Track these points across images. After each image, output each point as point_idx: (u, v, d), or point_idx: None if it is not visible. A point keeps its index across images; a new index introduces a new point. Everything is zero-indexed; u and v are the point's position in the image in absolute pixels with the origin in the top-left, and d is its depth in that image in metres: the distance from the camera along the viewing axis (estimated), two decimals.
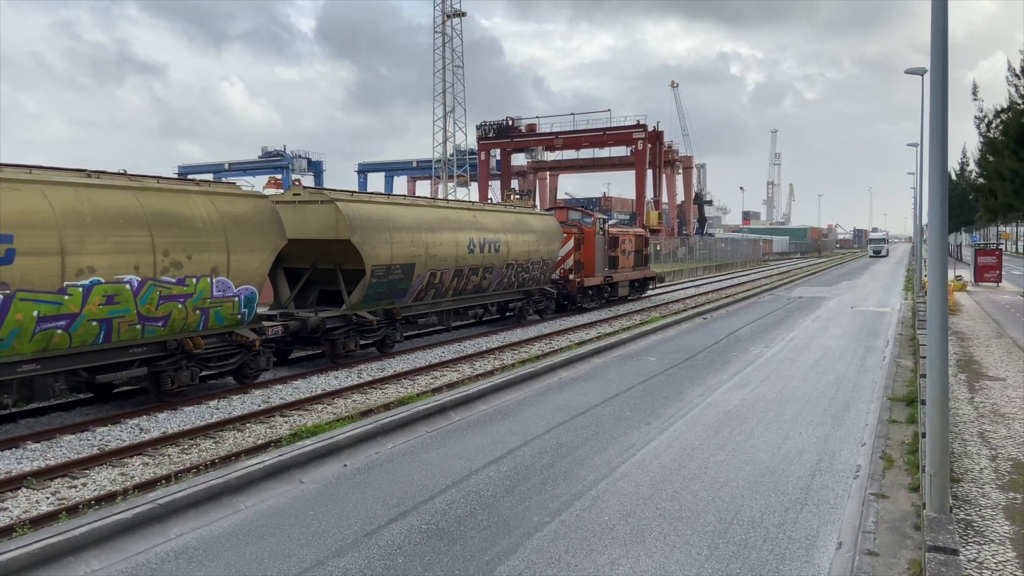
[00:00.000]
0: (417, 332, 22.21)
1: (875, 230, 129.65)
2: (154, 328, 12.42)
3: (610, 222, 33.14)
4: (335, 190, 18.19)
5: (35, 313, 10.63)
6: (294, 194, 17.44)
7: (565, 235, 27.42)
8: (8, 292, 10.27)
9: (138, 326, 12.14)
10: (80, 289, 11.15)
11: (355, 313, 17.03)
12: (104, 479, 9.37)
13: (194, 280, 12.86)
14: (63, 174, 11.66)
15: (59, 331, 11.02)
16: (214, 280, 13.22)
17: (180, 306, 12.72)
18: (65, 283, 10.95)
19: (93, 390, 13.25)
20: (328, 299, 18.12)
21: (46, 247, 10.73)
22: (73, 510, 8.13)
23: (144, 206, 12.27)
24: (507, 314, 25.27)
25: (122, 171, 12.84)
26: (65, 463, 9.76)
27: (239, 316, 13.95)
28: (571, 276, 27.72)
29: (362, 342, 17.60)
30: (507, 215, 23.99)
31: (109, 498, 8.50)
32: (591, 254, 28.47)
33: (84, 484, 9.19)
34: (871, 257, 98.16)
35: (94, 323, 11.45)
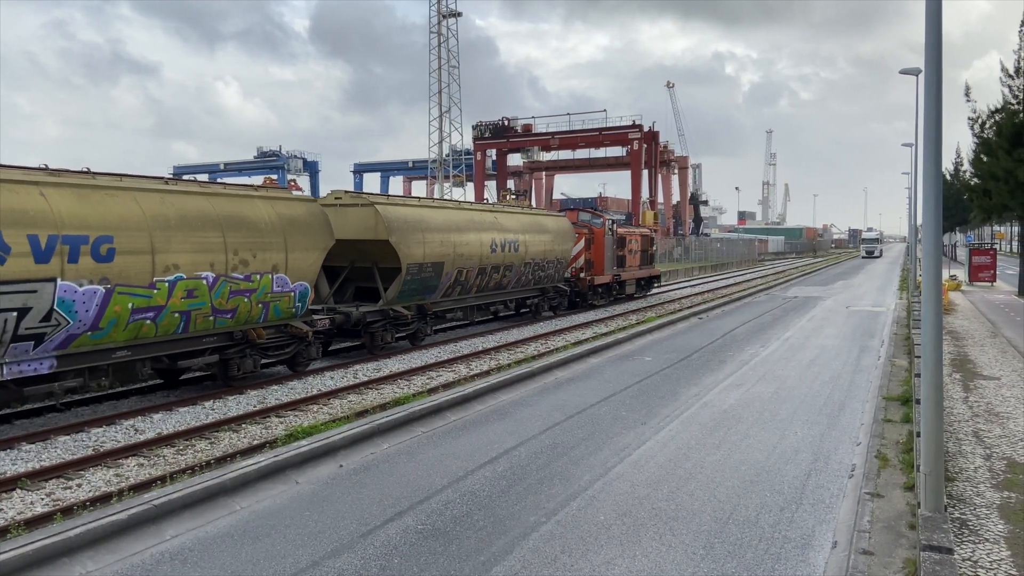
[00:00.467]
0: (445, 326, 23.39)
1: (870, 230, 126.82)
2: (224, 319, 13.73)
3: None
4: (374, 194, 19.76)
5: (130, 305, 11.89)
6: (336, 198, 18.63)
7: (576, 235, 28.45)
8: (109, 286, 11.50)
9: (211, 317, 13.40)
10: (166, 284, 12.43)
11: (392, 308, 18.36)
12: (99, 480, 9.35)
13: (258, 276, 14.19)
14: (148, 182, 13.02)
15: (148, 321, 12.29)
16: (274, 276, 14.56)
17: (246, 300, 14.02)
18: (154, 279, 12.22)
19: (163, 376, 14.54)
20: (363, 295, 19.41)
21: (139, 247, 12.00)
22: (68, 511, 8.11)
23: (216, 210, 13.57)
24: (522, 310, 26.51)
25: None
26: (60, 464, 9.73)
27: (294, 309, 15.28)
28: (582, 274, 28.77)
29: (397, 335, 18.91)
30: (525, 216, 25.25)
31: (104, 499, 8.48)
32: (601, 254, 29.61)
33: (79, 485, 9.17)
34: (863, 258, 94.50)
35: (176, 314, 12.73)
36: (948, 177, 59.34)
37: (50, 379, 11.38)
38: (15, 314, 10.37)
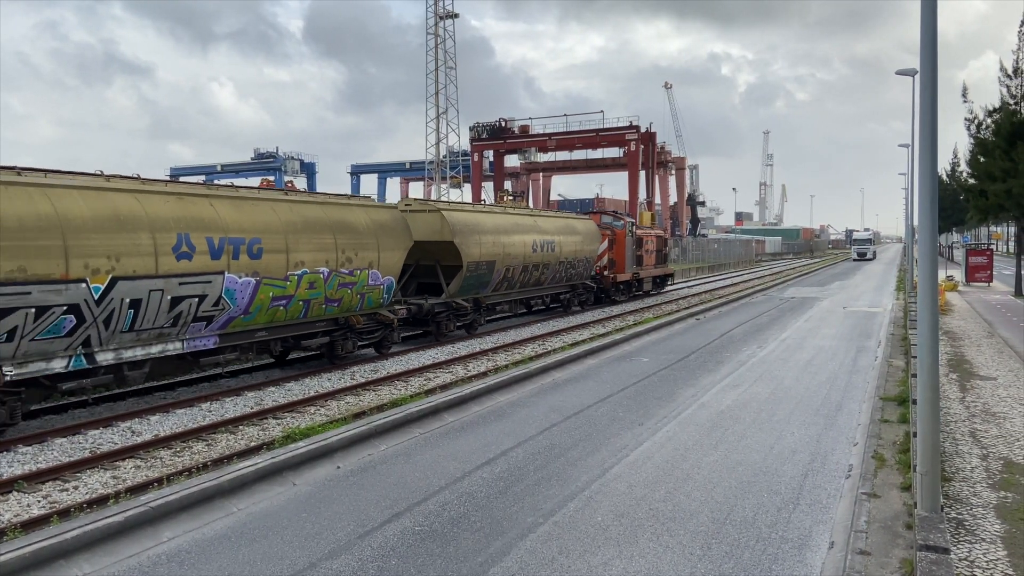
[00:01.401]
0: (495, 317, 25.93)
1: (866, 230, 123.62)
2: (332, 307, 16.35)
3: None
4: (439, 201, 23.01)
5: (270, 294, 14.46)
6: (406, 204, 21.56)
7: (601, 236, 30.67)
8: (257, 278, 14.09)
9: (324, 305, 16.03)
10: (296, 277, 15.03)
11: (454, 300, 21.11)
12: (96, 482, 9.33)
13: (358, 271, 16.77)
14: (278, 194, 16.28)
15: (281, 307, 14.87)
16: (370, 272, 17.15)
17: (349, 291, 16.60)
18: (287, 272, 14.82)
19: (277, 357, 16.79)
20: (425, 290, 21.89)
21: (278, 247, 14.60)
22: (64, 513, 8.09)
23: (328, 216, 16.25)
24: (552, 305, 29.48)
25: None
26: (56, 466, 9.72)
27: (383, 300, 17.88)
28: (605, 272, 31.11)
29: (457, 324, 21.56)
30: (559, 220, 28.09)
31: (101, 501, 8.46)
32: (622, 253, 31.97)
33: (75, 487, 9.16)
34: (855, 260, 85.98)
35: (300, 302, 15.31)
36: (945, 178, 59.43)
37: (214, 353, 14.00)
38: (196, 300, 12.97)
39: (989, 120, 33.51)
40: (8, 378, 10.58)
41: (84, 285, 11.17)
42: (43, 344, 10.95)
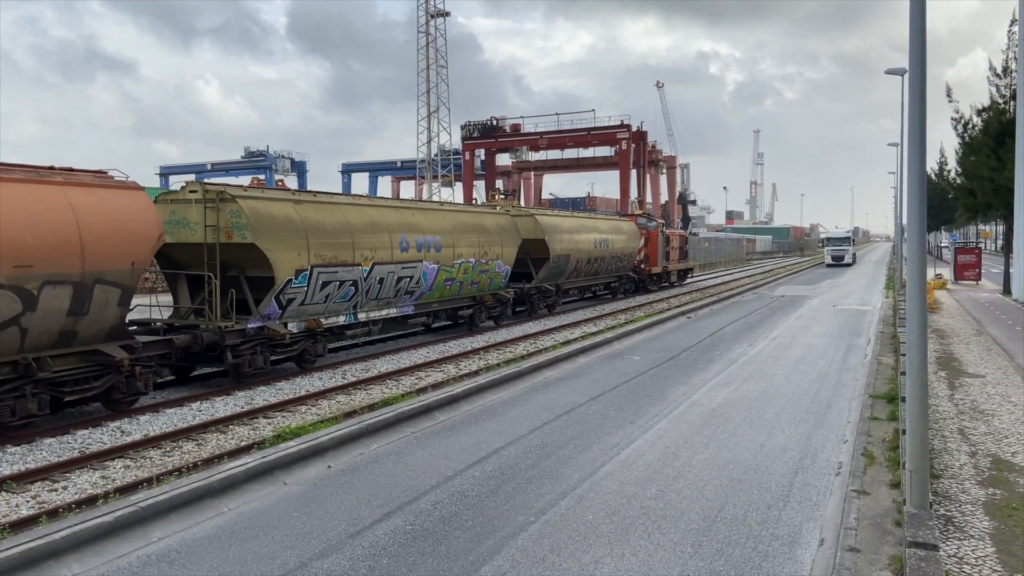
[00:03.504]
0: (568, 300, 31.72)
1: (837, 227, 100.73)
2: (474, 288, 22.43)
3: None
4: (532, 208, 32.08)
5: (444, 277, 20.34)
6: (505, 210, 26.44)
7: (640, 235, 36.49)
8: (438, 266, 19.90)
9: (471, 286, 22.16)
10: (458, 265, 20.97)
11: (542, 285, 27.06)
12: (85, 482, 9.29)
13: (491, 261, 22.76)
14: (446, 205, 23.49)
15: (448, 287, 20.86)
16: (496, 262, 23.08)
17: (485, 276, 22.69)
18: (454, 262, 20.69)
19: (426, 327, 22.19)
20: (514, 279, 26.06)
21: (448, 243, 20.45)
22: (53, 514, 8.05)
23: (473, 221, 22.48)
24: (599, 292, 35.08)
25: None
26: (45, 466, 9.66)
27: (502, 283, 24.10)
28: (642, 266, 37.06)
29: (544, 304, 27.51)
30: (610, 222, 34.50)
31: (90, 501, 8.42)
32: (655, 250, 38.18)
33: (65, 487, 9.11)
34: (828, 266, 68.32)
35: (458, 283, 21.35)
36: (933, 176, 59.73)
37: (411, 317, 19.83)
38: (408, 279, 18.78)
39: (978, 119, 33.71)
40: (324, 327, 16.34)
41: (360, 268, 16.94)
42: (337, 305, 16.77)
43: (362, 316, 17.42)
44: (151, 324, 14.53)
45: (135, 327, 13.95)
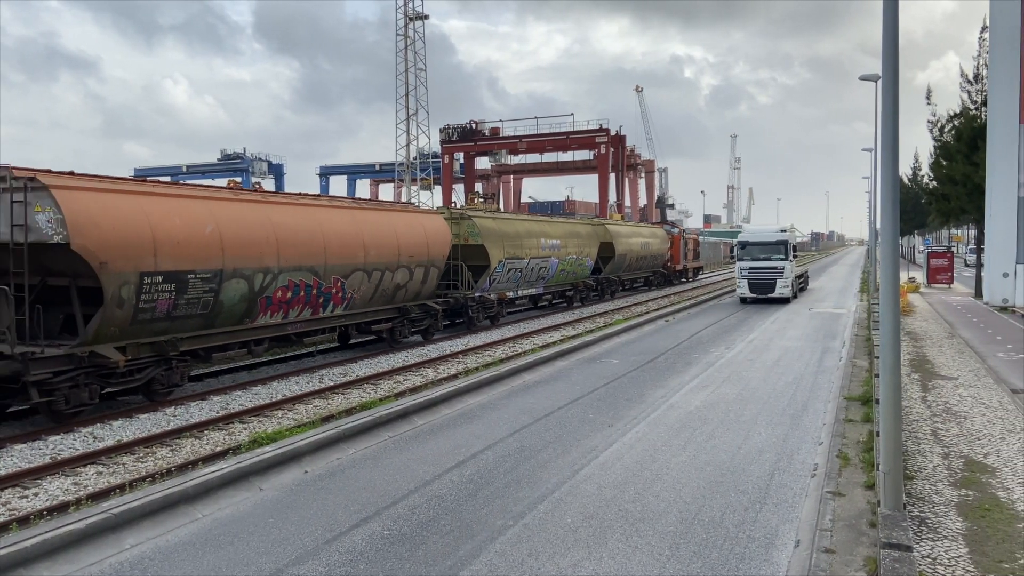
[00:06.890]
0: (622, 289, 40.12)
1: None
2: (572, 277, 31.92)
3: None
4: (602, 217, 47.92)
5: (560, 268, 29.97)
6: (589, 221, 36.39)
7: (667, 239, 46.37)
8: (557, 260, 29.31)
9: (571, 275, 31.45)
10: (566, 259, 30.29)
11: (608, 277, 36.36)
12: (56, 489, 9.14)
13: (583, 258, 32.13)
14: (559, 217, 41.18)
15: (562, 275, 30.49)
16: (586, 258, 32.56)
17: (581, 268, 32.33)
18: (564, 256, 29.69)
19: (533, 301, 31.98)
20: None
21: (562, 244, 29.71)
22: (24, 521, 7.91)
23: (572, 228, 32.07)
24: (635, 285, 43.69)
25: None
26: (16, 472, 9.50)
27: (587, 274, 33.58)
28: (668, 264, 46.66)
29: (610, 291, 36.70)
30: (650, 228, 45.44)
31: (61, 508, 8.30)
32: (678, 251, 48.29)
33: (36, 494, 8.96)
34: (742, 300, 34.07)
35: (564, 272, 30.63)
36: (906, 181, 60.55)
37: (541, 296, 30.18)
38: (543, 268, 28.35)
39: (949, 125, 34.25)
40: (494, 298, 25.02)
41: (525, 260, 26.48)
42: (504, 285, 25.85)
43: (518, 293, 27.26)
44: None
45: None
